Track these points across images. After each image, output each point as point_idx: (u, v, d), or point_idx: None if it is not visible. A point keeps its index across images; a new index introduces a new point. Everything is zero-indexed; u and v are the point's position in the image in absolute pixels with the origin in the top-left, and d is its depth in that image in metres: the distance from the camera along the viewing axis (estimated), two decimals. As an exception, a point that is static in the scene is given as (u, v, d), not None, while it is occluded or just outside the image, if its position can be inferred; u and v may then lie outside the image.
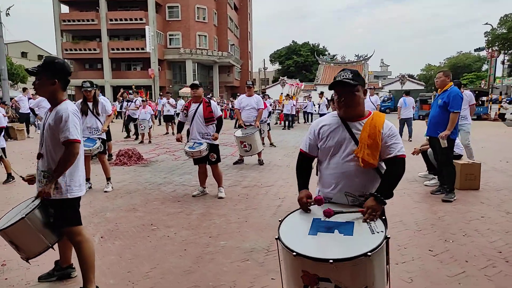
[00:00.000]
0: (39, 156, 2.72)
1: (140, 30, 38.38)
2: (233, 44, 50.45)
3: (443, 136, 5.15)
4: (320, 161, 2.38)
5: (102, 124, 6.01)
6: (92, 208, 4.97)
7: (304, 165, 2.42)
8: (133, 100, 13.76)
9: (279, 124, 20.42)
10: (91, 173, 6.28)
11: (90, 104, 5.91)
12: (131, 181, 6.65)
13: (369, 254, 1.70)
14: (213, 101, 5.65)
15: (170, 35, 42.31)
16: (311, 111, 22.34)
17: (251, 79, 47.69)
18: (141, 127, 12.63)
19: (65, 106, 2.63)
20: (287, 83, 38.33)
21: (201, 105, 5.41)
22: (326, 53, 60.26)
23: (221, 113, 5.68)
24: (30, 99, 14.62)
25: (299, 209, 2.21)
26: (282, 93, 25.39)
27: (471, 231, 4.00)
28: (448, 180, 5.29)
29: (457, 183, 5.59)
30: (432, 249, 3.54)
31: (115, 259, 3.42)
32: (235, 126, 11.40)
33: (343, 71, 2.22)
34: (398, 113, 12.66)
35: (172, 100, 16.77)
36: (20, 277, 3.07)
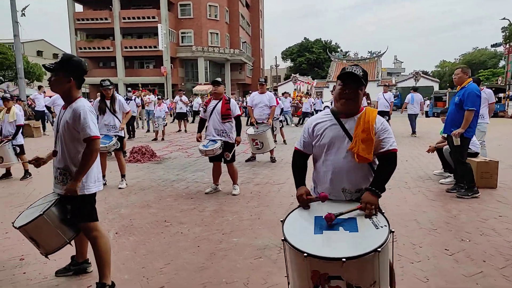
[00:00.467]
0: (55, 153, 2.76)
1: (153, 28, 38.67)
2: (245, 42, 50.46)
3: (456, 134, 5.06)
4: (316, 159, 2.40)
5: (120, 122, 6.09)
6: (107, 204, 5.04)
7: (300, 163, 2.44)
8: (132, 98, 13.78)
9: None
10: (106, 170, 6.36)
11: (108, 102, 6.00)
12: (145, 178, 6.72)
13: (379, 250, 1.74)
14: (233, 100, 5.64)
15: (182, 33, 42.54)
16: (320, 109, 22.22)
17: (263, 77, 47.65)
18: (155, 125, 12.75)
19: (82, 104, 2.66)
20: (299, 80, 38.16)
21: (220, 102, 5.42)
22: (339, 50, 59.86)
23: (239, 113, 5.67)
24: (46, 97, 14.90)
25: (298, 208, 2.23)
26: (296, 89, 25.30)
27: (488, 230, 3.93)
28: (465, 179, 5.20)
29: (473, 181, 5.50)
30: (448, 248, 3.49)
31: (130, 255, 3.47)
32: (247, 124, 11.40)
33: (356, 66, 2.26)
34: (402, 108, 12.73)
35: (185, 98, 16.85)
36: (38, 272, 3.14)
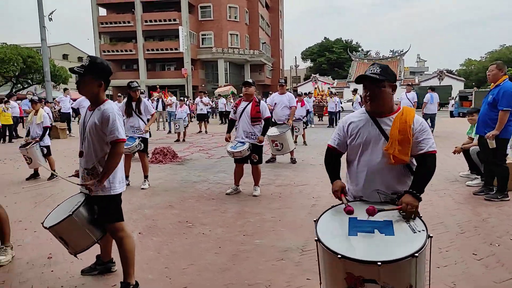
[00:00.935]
0: (81, 154, 2.82)
1: (174, 31, 39.17)
2: (265, 43, 50.48)
3: (490, 137, 4.83)
4: (350, 158, 2.35)
5: (144, 124, 6.19)
6: (131, 205, 5.12)
7: (333, 160, 2.41)
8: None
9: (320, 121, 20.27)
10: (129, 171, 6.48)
11: (134, 104, 6.11)
12: (167, 179, 6.80)
13: (417, 255, 1.70)
14: (263, 102, 5.63)
15: (203, 35, 42.93)
16: (339, 109, 21.90)
17: (283, 77, 47.56)
18: (177, 126, 12.91)
19: (110, 106, 2.71)
20: (319, 81, 37.90)
21: (250, 104, 5.43)
22: (360, 49, 59.02)
23: (269, 115, 5.64)
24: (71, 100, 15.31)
25: (331, 208, 2.18)
26: (316, 88, 25.11)
27: (519, 235, 3.79)
28: (500, 182, 5.01)
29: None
30: (476, 253, 3.38)
31: (153, 255, 3.51)
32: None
33: (372, 66, 2.21)
34: (423, 108, 12.63)
35: (206, 99, 16.99)
36: (65, 270, 3.21)
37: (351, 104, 19.36)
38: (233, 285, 2.93)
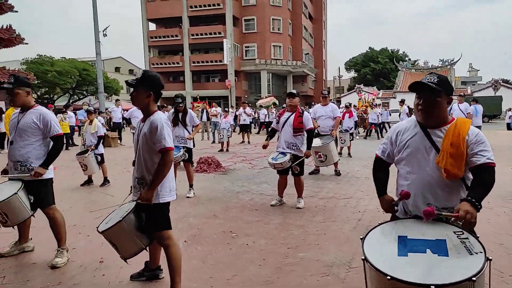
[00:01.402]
0: (134, 163, 2.95)
1: (219, 44, 40.23)
2: (308, 53, 50.38)
3: None
4: (399, 170, 2.25)
5: (189, 133, 6.38)
6: (177, 214, 5.23)
7: (381, 172, 2.34)
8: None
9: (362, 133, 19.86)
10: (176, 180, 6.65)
11: (180, 115, 6.32)
12: (211, 188, 6.91)
13: (474, 279, 1.56)
14: (307, 113, 5.60)
15: (246, 47, 43.67)
16: (387, 120, 21.23)
17: (326, 88, 47.06)
18: (221, 136, 13.15)
19: (159, 117, 2.82)
20: (364, 91, 37.06)
21: (293, 115, 5.42)
22: (407, 59, 57.19)
23: (312, 126, 5.58)
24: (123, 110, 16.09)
25: (379, 226, 2.07)
26: (360, 100, 24.55)
27: None
28: None
29: None
30: (542, 278, 3.10)
31: (198, 264, 3.55)
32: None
33: (430, 74, 2.10)
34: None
35: (249, 110, 17.17)
36: (115, 275, 3.33)
37: (398, 115, 18.72)
38: (278, 299, 2.89)
